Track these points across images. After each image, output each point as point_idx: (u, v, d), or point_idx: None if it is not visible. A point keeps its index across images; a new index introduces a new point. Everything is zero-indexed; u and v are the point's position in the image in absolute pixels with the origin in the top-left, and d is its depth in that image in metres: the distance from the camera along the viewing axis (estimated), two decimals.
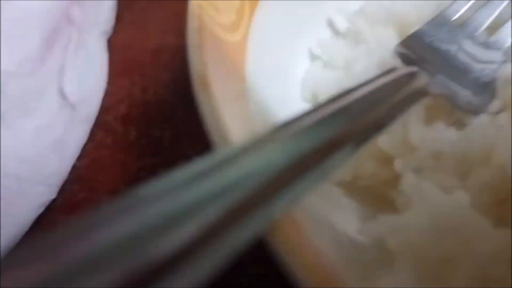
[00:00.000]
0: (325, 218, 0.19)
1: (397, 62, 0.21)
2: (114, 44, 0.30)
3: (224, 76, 0.17)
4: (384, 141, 0.21)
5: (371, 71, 0.23)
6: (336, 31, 0.27)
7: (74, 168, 0.24)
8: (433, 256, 0.16)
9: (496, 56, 0.23)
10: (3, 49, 0.28)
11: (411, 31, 0.24)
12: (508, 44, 0.23)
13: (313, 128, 0.14)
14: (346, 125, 0.15)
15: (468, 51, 0.23)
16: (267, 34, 0.23)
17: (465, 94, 0.21)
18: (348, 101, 0.16)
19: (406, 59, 0.21)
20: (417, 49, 0.22)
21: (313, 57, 0.26)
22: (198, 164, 0.11)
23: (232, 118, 0.15)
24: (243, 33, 0.20)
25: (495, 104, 0.21)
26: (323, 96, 0.24)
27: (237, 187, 0.11)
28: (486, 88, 0.22)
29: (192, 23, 0.16)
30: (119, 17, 0.31)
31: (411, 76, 0.19)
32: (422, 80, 0.19)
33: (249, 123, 0.17)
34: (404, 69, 0.19)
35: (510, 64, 0.23)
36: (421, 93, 0.19)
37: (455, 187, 0.18)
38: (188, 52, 0.15)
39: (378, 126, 0.17)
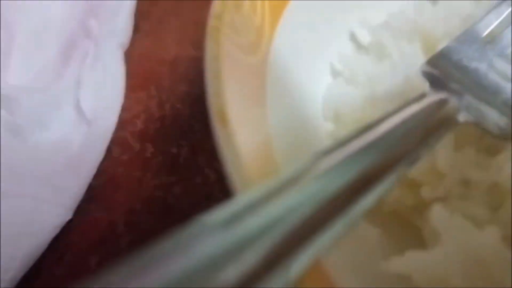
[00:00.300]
0: (348, 252, 0.19)
1: (424, 84, 0.20)
2: (130, 55, 0.29)
3: (244, 103, 0.16)
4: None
5: (395, 90, 0.23)
6: (359, 45, 0.26)
7: (90, 186, 0.24)
8: None
9: None
10: (19, 63, 0.27)
11: (437, 45, 0.23)
12: None
13: (342, 165, 0.13)
14: (378, 160, 0.14)
15: (499, 70, 0.22)
16: (289, 52, 0.22)
17: (495, 117, 0.20)
18: (377, 134, 0.15)
19: (433, 80, 0.20)
20: (445, 68, 0.21)
21: (335, 73, 0.25)
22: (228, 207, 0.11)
23: (253, 151, 0.15)
24: (264, 53, 0.19)
25: None
26: (345, 115, 0.23)
27: (265, 235, 0.11)
28: None
29: (210, 50, 0.15)
30: (136, 28, 0.30)
31: (441, 103, 0.18)
32: (452, 107, 0.18)
33: (270, 151, 0.17)
34: (434, 96, 0.18)
35: None
36: (452, 122, 0.18)
37: (486, 220, 0.17)
38: (206, 82, 0.14)
39: (411, 160, 0.16)
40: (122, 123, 0.27)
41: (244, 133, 0.14)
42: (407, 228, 0.20)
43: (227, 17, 0.17)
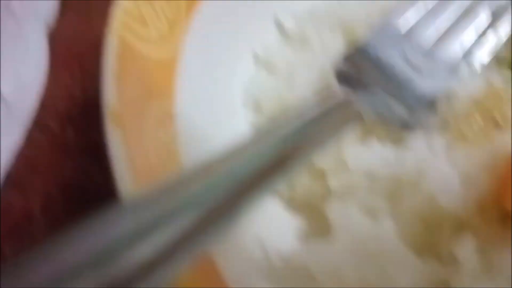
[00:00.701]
0: (258, 238, 0.19)
1: (334, 83, 0.20)
2: (55, 36, 0.29)
3: (146, 101, 0.16)
4: (319, 157, 0.20)
5: (315, 80, 0.23)
6: (283, 34, 0.26)
7: (8, 171, 0.24)
8: (353, 284, 0.16)
9: (442, 68, 0.23)
10: None
11: (358, 36, 0.24)
12: (454, 57, 0.23)
13: (253, 154, 0.15)
14: (284, 149, 0.16)
15: (413, 63, 0.23)
16: (207, 41, 0.22)
17: (403, 113, 0.21)
18: (286, 128, 0.16)
19: (346, 78, 0.21)
20: (358, 64, 0.22)
21: (258, 61, 0.25)
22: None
23: (152, 152, 0.15)
24: (176, 44, 0.19)
25: (435, 122, 0.21)
26: (265, 104, 0.23)
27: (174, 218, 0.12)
28: (428, 103, 0.22)
29: (111, 49, 0.15)
30: (62, 7, 0.29)
31: (347, 103, 0.19)
32: (358, 106, 0.19)
33: (174, 147, 0.17)
34: (340, 97, 0.19)
35: (457, 79, 0.22)
36: (356, 119, 0.19)
37: (383, 212, 0.18)
38: (102, 82, 0.14)
39: (313, 149, 0.17)
40: (43, 106, 0.26)
41: (141, 134, 0.14)
42: (317, 215, 0.21)
43: (135, 11, 0.17)
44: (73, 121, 0.26)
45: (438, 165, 0.18)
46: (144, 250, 0.11)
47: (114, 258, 0.10)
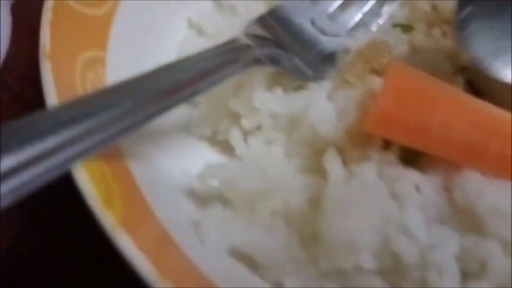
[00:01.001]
0: (183, 168, 0.23)
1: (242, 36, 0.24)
2: (20, 8, 0.32)
3: (78, 47, 0.20)
4: (234, 102, 0.24)
5: None
6: (216, 1, 0.30)
7: None
8: (247, 194, 0.21)
9: (342, 30, 0.27)
10: None
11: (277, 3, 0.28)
12: (353, 20, 0.27)
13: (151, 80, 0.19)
14: (182, 77, 0.20)
15: (319, 25, 0.27)
16: (143, 6, 0.26)
17: (306, 69, 0.25)
18: (187, 62, 0.22)
19: (257, 38, 0.25)
20: (271, 25, 0.26)
21: (191, 25, 0.29)
22: None
23: (79, 84, 0.19)
24: (110, 7, 0.23)
25: (332, 73, 0.25)
26: None
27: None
28: (329, 58, 0.26)
29: (48, 5, 0.19)
30: None
31: (245, 47, 0.23)
32: (255, 52, 0.23)
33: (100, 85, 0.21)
34: (241, 41, 0.23)
35: (355, 38, 0.26)
36: (256, 64, 0.23)
37: (279, 142, 0.22)
38: (40, 28, 0.19)
39: (214, 82, 0.21)
40: (6, 69, 0.30)
41: (69, 69, 0.18)
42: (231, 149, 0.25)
43: None
44: (32, 81, 0.30)
45: (321, 103, 0.22)
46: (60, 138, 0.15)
47: (36, 141, 0.15)
